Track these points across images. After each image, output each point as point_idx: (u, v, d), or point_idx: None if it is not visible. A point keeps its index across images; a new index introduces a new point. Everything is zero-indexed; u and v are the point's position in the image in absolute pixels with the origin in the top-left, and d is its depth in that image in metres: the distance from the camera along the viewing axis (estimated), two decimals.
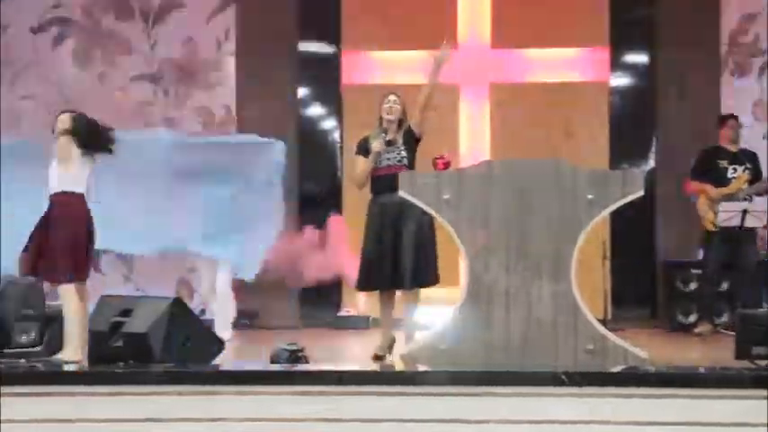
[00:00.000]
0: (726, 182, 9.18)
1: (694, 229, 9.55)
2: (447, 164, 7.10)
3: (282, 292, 10.24)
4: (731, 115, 9.56)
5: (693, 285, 10.08)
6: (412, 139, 7.36)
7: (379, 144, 7.29)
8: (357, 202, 8.00)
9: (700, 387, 5.98)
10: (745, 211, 8.81)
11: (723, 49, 10.72)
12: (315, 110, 11.53)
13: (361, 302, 10.28)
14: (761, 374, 6.10)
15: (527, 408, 5.86)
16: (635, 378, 6.16)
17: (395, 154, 7.31)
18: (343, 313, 10.70)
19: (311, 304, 10.81)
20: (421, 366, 6.56)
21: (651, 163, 10.97)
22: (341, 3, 11.14)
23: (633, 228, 10.54)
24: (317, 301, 10.79)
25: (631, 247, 10.72)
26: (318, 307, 10.84)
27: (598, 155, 10.74)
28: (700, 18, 10.66)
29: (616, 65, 11.09)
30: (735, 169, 9.20)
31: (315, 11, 11.21)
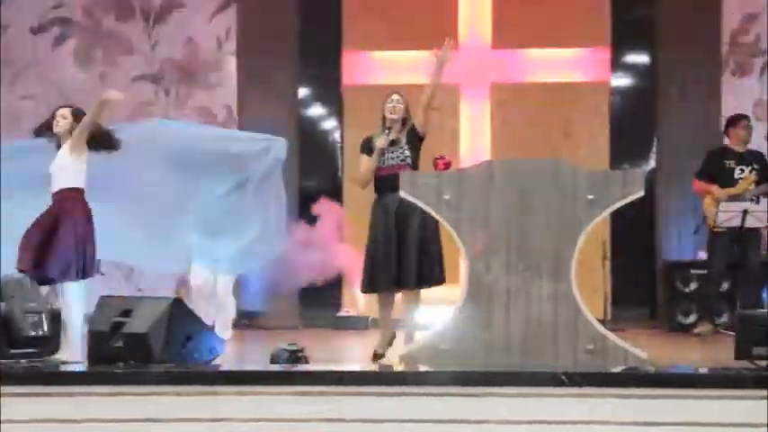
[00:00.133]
0: (733, 182, 9.12)
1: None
2: (447, 164, 7.10)
3: (282, 293, 10.25)
4: (743, 115, 9.44)
5: (693, 286, 10.08)
6: (415, 138, 7.35)
7: (382, 141, 7.28)
8: (358, 203, 8.00)
9: (699, 387, 5.98)
10: (745, 212, 8.79)
11: (724, 50, 10.73)
12: (315, 110, 11.54)
13: (360, 303, 10.28)
14: (761, 375, 6.10)
15: (527, 408, 5.86)
16: (635, 378, 6.16)
17: (398, 153, 7.30)
18: (342, 313, 10.71)
19: (311, 305, 10.82)
20: (421, 366, 6.56)
21: (651, 163, 10.98)
22: (341, 3, 11.15)
23: (633, 228, 10.54)
24: (317, 302, 10.80)
25: (631, 248, 10.73)
26: (318, 307, 10.85)
27: (598, 155, 10.75)
28: (700, 18, 10.67)
29: (617, 65, 11.10)
30: (742, 170, 9.13)
31: (315, 11, 11.23)
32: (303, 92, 11.33)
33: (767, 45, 10.65)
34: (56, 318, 7.39)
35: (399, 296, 7.37)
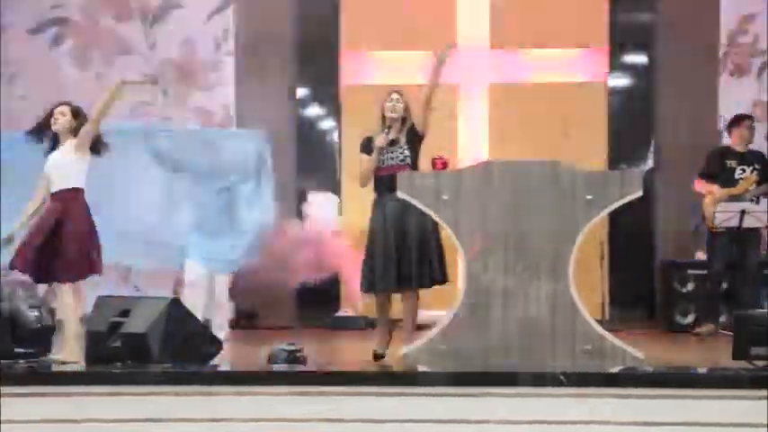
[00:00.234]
0: (734, 182, 9.09)
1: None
2: (445, 164, 7.11)
3: (280, 293, 10.23)
4: (747, 115, 9.40)
5: (691, 286, 10.07)
6: (415, 138, 7.35)
7: (381, 139, 7.28)
8: (356, 203, 7.99)
9: (698, 387, 5.99)
10: (743, 212, 8.78)
11: (722, 50, 10.72)
12: (314, 110, 11.53)
13: (358, 303, 10.27)
14: (759, 375, 6.11)
15: (526, 408, 5.87)
16: (633, 378, 6.17)
17: (398, 153, 7.29)
18: (340, 314, 10.70)
19: (309, 305, 10.81)
20: (421, 366, 6.57)
21: (650, 163, 10.98)
22: (340, 3, 11.14)
23: (631, 228, 10.54)
24: (315, 302, 10.79)
25: (629, 248, 10.72)
26: (316, 307, 10.84)
27: (596, 155, 10.74)
28: (699, 18, 10.66)
29: (615, 65, 11.09)
30: (743, 170, 9.10)
31: (314, 11, 11.22)
32: (301, 92, 11.32)
33: (766, 45, 10.64)
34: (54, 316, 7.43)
35: (399, 296, 7.38)
